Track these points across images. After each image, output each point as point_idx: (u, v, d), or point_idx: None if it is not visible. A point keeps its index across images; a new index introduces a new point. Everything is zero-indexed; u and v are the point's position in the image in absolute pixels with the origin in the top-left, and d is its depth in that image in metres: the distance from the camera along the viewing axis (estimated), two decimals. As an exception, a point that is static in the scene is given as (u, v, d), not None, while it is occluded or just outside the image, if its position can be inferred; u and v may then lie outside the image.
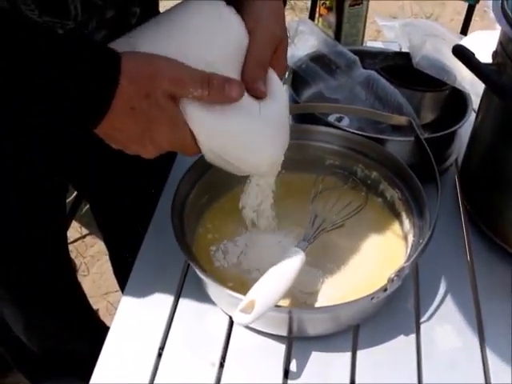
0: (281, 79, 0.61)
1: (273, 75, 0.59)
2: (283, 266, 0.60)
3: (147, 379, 0.61)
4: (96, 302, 1.51)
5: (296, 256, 0.62)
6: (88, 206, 1.32)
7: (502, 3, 0.63)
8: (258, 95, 0.58)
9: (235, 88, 0.54)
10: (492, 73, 0.58)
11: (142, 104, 0.51)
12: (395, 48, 1.08)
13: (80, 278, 1.57)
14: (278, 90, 0.59)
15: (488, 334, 0.65)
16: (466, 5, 1.50)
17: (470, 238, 0.76)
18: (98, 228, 1.17)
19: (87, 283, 1.57)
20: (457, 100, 0.88)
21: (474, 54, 0.63)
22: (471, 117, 0.82)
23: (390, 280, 0.57)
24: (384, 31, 1.03)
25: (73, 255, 1.62)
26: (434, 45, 0.85)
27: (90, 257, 1.63)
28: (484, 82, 0.59)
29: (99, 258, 1.61)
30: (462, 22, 1.53)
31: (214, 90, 0.53)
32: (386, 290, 0.58)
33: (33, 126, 0.59)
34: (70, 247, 1.60)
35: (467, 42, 1.07)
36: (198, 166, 0.73)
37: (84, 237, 1.67)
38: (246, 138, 0.58)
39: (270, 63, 0.59)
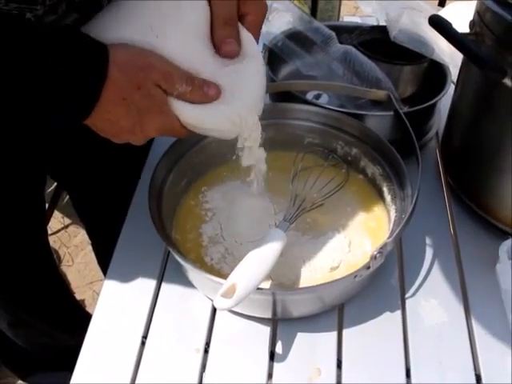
0: (257, 36, 0.59)
1: (243, 32, 0.57)
2: (264, 248, 0.59)
3: (131, 368, 0.60)
4: (81, 292, 1.49)
5: (277, 237, 0.60)
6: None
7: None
8: (230, 56, 0.57)
9: (212, 87, 0.55)
10: (470, 42, 0.57)
11: (133, 95, 0.51)
12: (373, 23, 1.06)
13: (64, 269, 1.56)
14: (250, 48, 0.58)
15: (473, 307, 0.65)
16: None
17: (452, 210, 0.76)
18: (79, 218, 1.15)
19: (72, 273, 1.55)
20: (436, 73, 0.87)
21: (451, 24, 0.61)
22: (450, 89, 0.81)
23: (373, 257, 0.57)
24: (361, 6, 1.02)
25: (56, 246, 1.61)
26: (411, 18, 0.84)
27: (74, 247, 1.62)
28: (461, 51, 0.58)
29: (83, 247, 1.59)
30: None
31: (195, 88, 0.54)
32: (369, 267, 0.57)
33: (20, 119, 0.57)
34: (53, 238, 1.59)
35: (445, 13, 1.06)
36: (173, 151, 0.71)
37: (67, 227, 1.65)
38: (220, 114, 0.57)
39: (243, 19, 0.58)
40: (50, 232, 1.60)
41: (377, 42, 0.90)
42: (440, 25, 0.60)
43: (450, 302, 0.66)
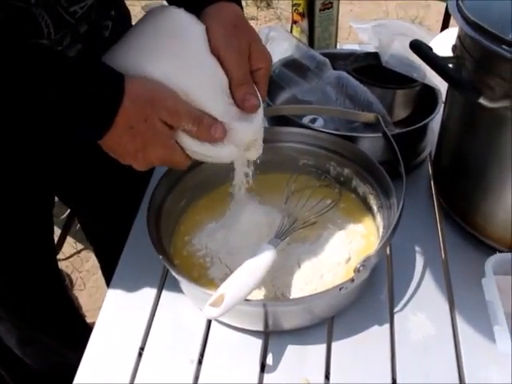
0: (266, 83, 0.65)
1: None
2: (254, 262, 0.62)
3: (128, 379, 0.63)
4: (92, 316, 1.52)
5: (267, 252, 0.63)
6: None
7: (457, 1, 0.66)
8: (252, 110, 0.62)
9: (219, 131, 0.59)
10: (446, 65, 0.60)
11: (139, 125, 0.56)
12: (371, 49, 1.10)
13: (76, 293, 1.60)
14: None
15: (460, 320, 0.67)
16: (448, 6, 1.53)
17: (443, 228, 0.78)
18: (89, 242, 1.19)
19: (84, 297, 1.59)
20: (428, 96, 0.90)
21: (431, 49, 0.65)
22: (441, 111, 0.84)
23: (356, 270, 0.59)
24: (358, 33, 1.06)
25: (69, 270, 1.65)
26: (402, 43, 0.87)
27: (86, 271, 1.65)
28: (438, 73, 0.61)
29: (94, 272, 1.63)
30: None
31: (202, 129, 0.58)
32: (353, 280, 0.60)
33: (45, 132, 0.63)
34: (66, 263, 1.63)
35: (439, 39, 1.10)
36: (173, 172, 0.75)
37: (79, 252, 1.69)
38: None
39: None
40: (63, 257, 1.65)
41: (371, 67, 0.94)
42: (419, 49, 0.63)
43: (437, 316, 0.67)
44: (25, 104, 0.54)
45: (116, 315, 0.70)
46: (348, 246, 0.72)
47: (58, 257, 1.63)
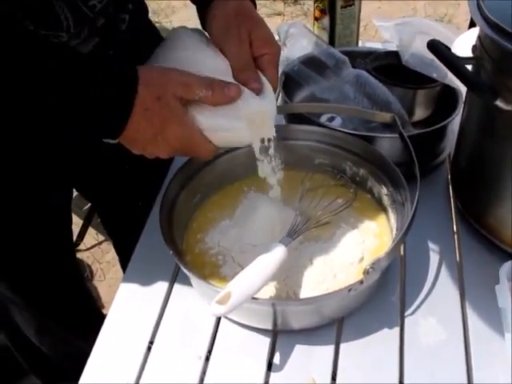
0: (275, 72, 0.66)
1: None
2: (263, 261, 0.62)
3: (136, 372, 0.64)
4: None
5: (277, 251, 0.63)
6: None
7: (478, 1, 0.64)
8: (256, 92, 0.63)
9: (233, 89, 0.60)
10: (464, 67, 0.59)
11: (154, 105, 0.57)
12: (394, 48, 1.08)
13: (96, 284, 1.62)
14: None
15: (472, 326, 0.66)
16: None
17: (459, 231, 0.77)
18: (108, 235, 1.21)
19: (103, 288, 1.61)
20: (449, 96, 0.88)
21: (449, 49, 0.64)
22: (461, 112, 0.82)
23: (366, 272, 0.58)
24: (381, 31, 1.05)
25: (89, 261, 1.67)
26: (423, 42, 0.85)
27: (106, 263, 1.67)
28: (455, 74, 0.60)
29: (114, 263, 1.65)
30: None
31: (217, 91, 0.59)
32: (362, 282, 0.59)
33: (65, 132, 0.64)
34: (87, 253, 1.65)
35: (464, 38, 1.08)
36: (187, 168, 0.75)
37: (100, 243, 1.71)
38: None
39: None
40: (83, 248, 1.67)
41: (392, 66, 0.93)
42: (436, 49, 0.62)
43: (448, 321, 0.66)
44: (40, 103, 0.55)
45: (127, 308, 0.71)
46: (361, 246, 0.71)
47: (79, 247, 1.66)
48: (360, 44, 1.12)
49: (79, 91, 0.55)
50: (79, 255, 1.63)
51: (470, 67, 0.60)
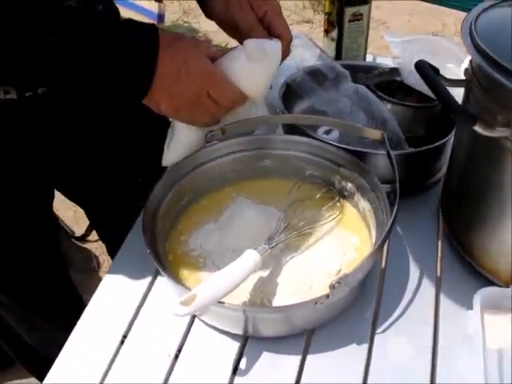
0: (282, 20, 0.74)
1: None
2: (234, 266, 0.63)
3: (106, 364, 0.65)
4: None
5: (250, 258, 0.64)
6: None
7: (471, 24, 0.64)
8: None
9: None
10: (444, 90, 0.59)
11: (176, 43, 0.63)
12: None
13: (102, 275, 1.65)
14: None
15: (442, 349, 0.65)
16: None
17: (443, 253, 0.76)
18: (99, 237, 1.22)
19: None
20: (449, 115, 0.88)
21: (436, 71, 0.64)
22: (457, 134, 0.82)
23: (331, 286, 0.59)
24: (391, 47, 1.05)
25: (97, 252, 1.71)
26: (424, 61, 0.85)
27: (114, 255, 1.70)
28: (437, 97, 0.60)
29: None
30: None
31: None
32: (328, 296, 0.60)
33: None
34: (95, 244, 1.68)
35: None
36: (175, 172, 0.77)
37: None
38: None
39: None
40: (92, 239, 1.70)
41: (395, 83, 0.93)
42: (422, 69, 0.62)
43: (419, 341, 0.66)
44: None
45: (107, 301, 0.72)
46: (341, 258, 0.72)
47: (89, 238, 1.70)
48: (370, 58, 1.12)
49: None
50: (87, 246, 1.67)
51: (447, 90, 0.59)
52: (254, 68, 0.69)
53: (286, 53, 0.73)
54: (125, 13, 1.63)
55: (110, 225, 1.08)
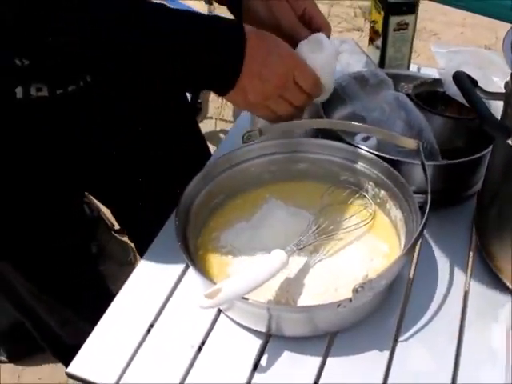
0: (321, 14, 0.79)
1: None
2: (261, 265, 0.64)
3: (131, 352, 0.68)
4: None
5: (277, 258, 0.65)
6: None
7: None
8: None
9: None
10: (480, 102, 0.59)
11: (263, 35, 0.67)
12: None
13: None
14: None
15: (464, 363, 0.65)
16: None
17: (474, 265, 0.76)
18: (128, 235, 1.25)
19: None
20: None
21: (474, 82, 0.63)
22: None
23: (355, 290, 0.59)
24: (436, 58, 1.04)
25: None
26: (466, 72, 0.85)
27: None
28: (473, 109, 0.59)
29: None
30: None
31: None
32: (351, 300, 0.60)
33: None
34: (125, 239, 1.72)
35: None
36: (211, 170, 0.79)
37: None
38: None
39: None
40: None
41: (438, 94, 0.93)
42: (460, 80, 0.62)
43: (442, 353, 0.66)
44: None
45: (137, 291, 0.75)
46: (368, 264, 0.72)
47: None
48: (415, 68, 1.11)
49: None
50: (126, 239, 1.71)
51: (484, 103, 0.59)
52: (319, 58, 0.74)
53: None
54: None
55: (136, 226, 1.10)
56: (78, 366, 0.67)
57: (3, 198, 0.82)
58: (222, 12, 0.83)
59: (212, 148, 1.18)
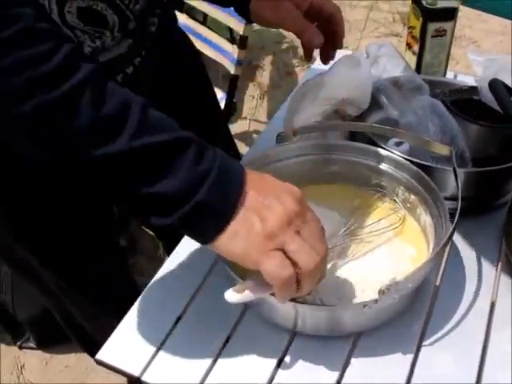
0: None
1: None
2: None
3: (158, 343, 0.69)
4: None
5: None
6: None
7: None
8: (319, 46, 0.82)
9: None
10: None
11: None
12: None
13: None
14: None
15: (487, 372, 0.65)
16: None
17: (501, 277, 0.75)
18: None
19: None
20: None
21: (510, 92, 0.63)
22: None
23: (381, 292, 0.60)
24: (473, 65, 1.04)
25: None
26: (504, 80, 0.84)
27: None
28: (507, 116, 0.59)
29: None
30: None
31: None
32: (377, 301, 0.61)
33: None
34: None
35: None
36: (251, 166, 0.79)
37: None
38: None
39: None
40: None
41: (473, 101, 0.92)
42: (495, 87, 0.62)
43: (466, 360, 0.66)
44: None
45: (166, 284, 0.77)
46: (396, 268, 0.72)
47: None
48: (452, 75, 1.11)
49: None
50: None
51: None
52: (357, 75, 0.78)
53: (342, 24, 0.83)
54: (205, 51, 1.67)
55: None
56: (106, 354, 0.70)
57: (37, 191, 0.84)
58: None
59: (245, 148, 1.20)
